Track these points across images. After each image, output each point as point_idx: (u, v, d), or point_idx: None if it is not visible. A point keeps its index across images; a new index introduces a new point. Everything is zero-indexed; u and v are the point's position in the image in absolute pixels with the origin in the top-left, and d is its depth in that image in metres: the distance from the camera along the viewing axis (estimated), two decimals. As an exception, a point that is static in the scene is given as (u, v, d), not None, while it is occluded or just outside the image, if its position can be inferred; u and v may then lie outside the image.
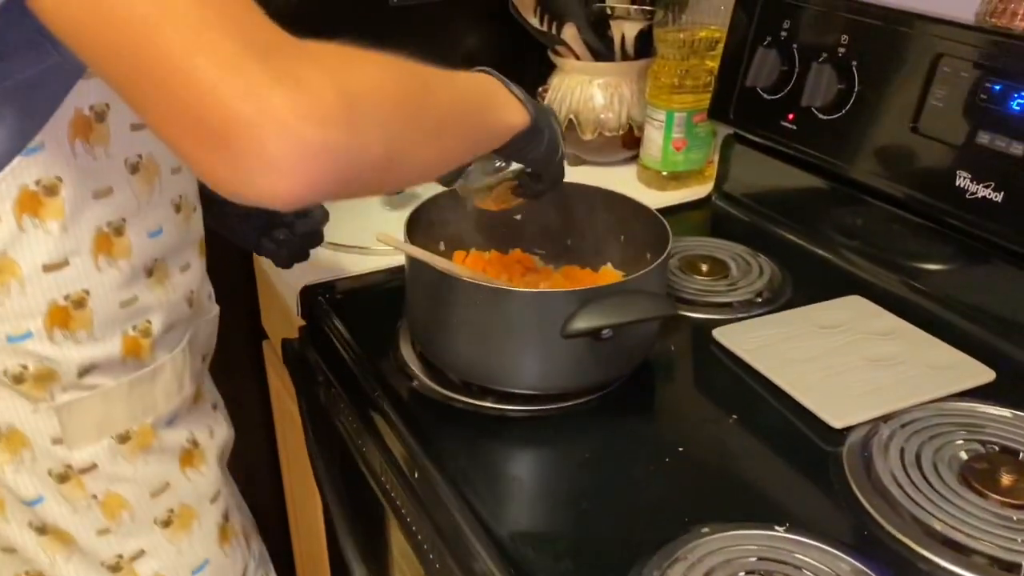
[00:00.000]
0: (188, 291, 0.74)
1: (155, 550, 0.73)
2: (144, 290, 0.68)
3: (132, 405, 0.69)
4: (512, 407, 0.79)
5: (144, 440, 0.70)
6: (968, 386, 0.81)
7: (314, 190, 0.47)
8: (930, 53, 0.89)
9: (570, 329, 0.69)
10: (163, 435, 0.72)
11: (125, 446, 0.69)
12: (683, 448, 0.75)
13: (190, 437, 0.75)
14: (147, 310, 0.69)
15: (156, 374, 0.70)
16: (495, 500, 0.69)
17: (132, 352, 0.68)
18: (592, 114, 1.25)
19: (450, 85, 0.63)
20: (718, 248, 1.06)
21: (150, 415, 0.71)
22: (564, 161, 0.81)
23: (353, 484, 0.90)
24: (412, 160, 0.56)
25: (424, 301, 0.81)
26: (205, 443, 0.77)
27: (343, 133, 0.47)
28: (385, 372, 0.84)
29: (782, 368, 0.84)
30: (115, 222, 0.64)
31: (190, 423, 0.76)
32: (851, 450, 0.74)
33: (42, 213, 0.60)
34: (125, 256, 0.66)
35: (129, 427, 0.69)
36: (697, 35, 1.17)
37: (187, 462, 0.74)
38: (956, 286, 0.92)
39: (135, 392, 0.69)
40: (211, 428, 0.79)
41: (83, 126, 0.60)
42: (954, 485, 0.68)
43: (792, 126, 1.05)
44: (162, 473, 0.72)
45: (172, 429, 0.73)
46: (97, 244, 0.63)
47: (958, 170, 0.87)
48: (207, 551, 0.77)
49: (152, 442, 0.71)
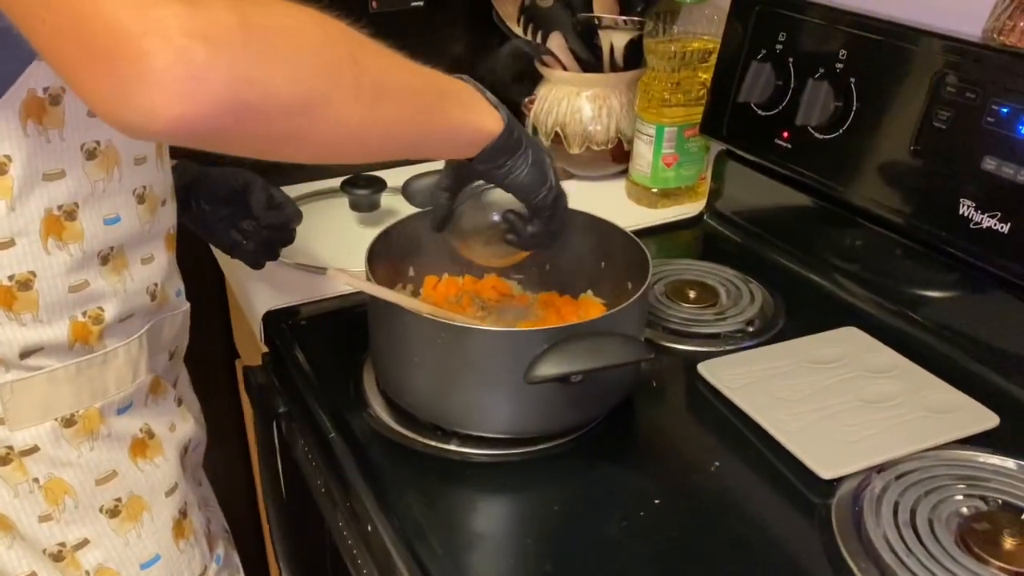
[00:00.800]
0: (150, 283, 0.72)
1: (100, 540, 0.71)
2: (97, 277, 0.67)
3: (79, 388, 0.67)
4: (477, 451, 0.74)
5: (90, 425, 0.68)
6: (970, 432, 0.75)
7: (199, 116, 0.43)
8: (933, 71, 0.84)
9: (533, 376, 0.63)
10: (113, 422, 0.70)
11: (70, 430, 0.67)
12: (660, 500, 0.69)
13: (145, 427, 0.73)
14: (99, 297, 0.67)
15: (107, 359, 0.69)
16: (451, 561, 0.63)
17: (80, 337, 0.67)
18: (579, 127, 1.20)
19: (399, 58, 0.58)
20: (708, 272, 1.00)
21: (99, 399, 0.69)
22: (561, 202, 0.73)
23: (312, 525, 0.85)
24: (335, 116, 0.51)
25: (383, 336, 0.75)
26: (163, 435, 0.75)
27: (239, 59, 0.43)
28: (344, 409, 0.79)
29: (769, 409, 0.78)
30: (67, 206, 0.63)
31: (147, 414, 0.74)
32: (840, 505, 0.68)
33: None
34: (76, 240, 0.64)
35: (75, 410, 0.67)
36: (689, 46, 1.11)
37: (139, 452, 0.72)
38: (959, 320, 0.86)
39: (83, 375, 0.67)
40: (173, 422, 0.77)
41: (36, 108, 0.59)
42: (951, 549, 0.63)
43: (787, 144, 0.99)
44: (109, 460, 0.70)
45: (125, 417, 0.71)
46: (47, 226, 0.62)
47: (961, 198, 0.81)
48: (158, 546, 0.74)
49: (99, 427, 0.69)
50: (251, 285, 0.99)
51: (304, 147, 0.52)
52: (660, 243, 1.14)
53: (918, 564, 0.61)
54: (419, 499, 0.69)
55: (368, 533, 0.68)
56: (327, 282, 0.98)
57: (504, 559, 0.65)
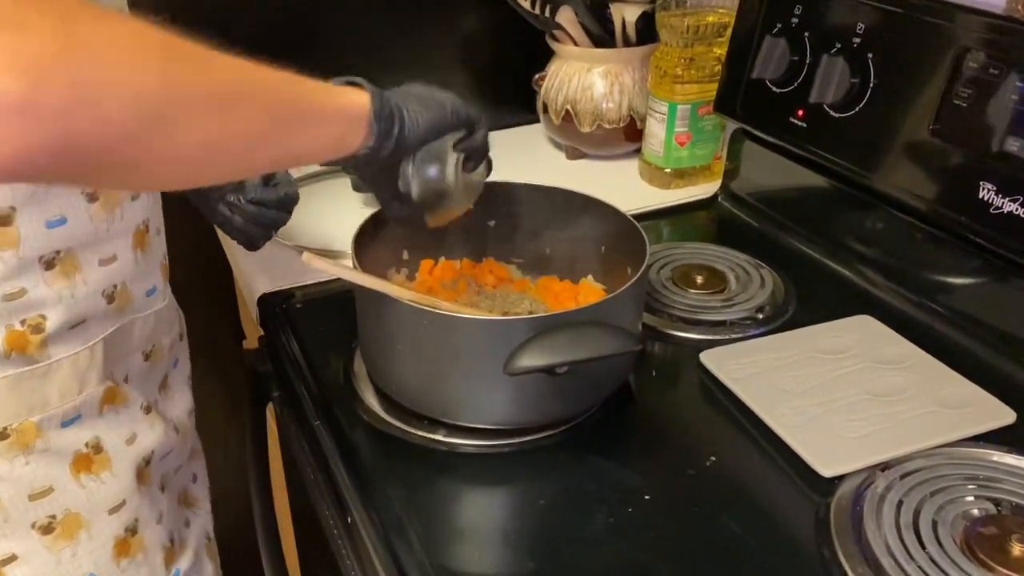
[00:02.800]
0: (109, 285, 0.69)
1: (29, 556, 0.69)
2: (39, 283, 0.64)
3: (15, 402, 0.65)
4: (464, 441, 0.71)
5: (25, 439, 0.66)
6: (984, 429, 0.71)
7: (30, 155, 0.39)
8: (954, 46, 0.79)
9: (513, 367, 0.61)
10: (52, 436, 0.67)
11: (2, 443, 0.65)
12: (649, 496, 0.66)
13: (93, 441, 0.70)
14: (40, 304, 0.64)
15: (49, 371, 0.66)
16: (428, 555, 0.61)
17: (17, 347, 0.64)
18: (591, 104, 1.16)
19: (245, 65, 0.51)
20: (718, 257, 0.97)
21: (36, 413, 0.66)
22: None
23: (307, 514, 0.84)
24: (179, 136, 0.45)
25: (368, 323, 0.73)
26: (115, 449, 0.71)
27: (63, 88, 0.39)
28: (332, 396, 0.77)
29: (772, 401, 0.75)
30: (1, 210, 0.60)
31: (99, 426, 0.71)
32: (840, 506, 0.65)
33: None
34: (11, 247, 0.61)
35: (8, 424, 0.65)
36: (704, 19, 1.06)
37: (83, 467, 0.69)
38: (977, 309, 0.82)
39: (19, 389, 0.64)
40: (133, 433, 0.74)
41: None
42: (955, 555, 0.59)
43: (802, 123, 0.94)
44: (46, 476, 0.67)
45: (69, 430, 0.68)
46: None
47: (981, 180, 0.77)
48: (95, 565, 0.71)
49: (34, 442, 0.66)
50: (249, 267, 0.98)
51: (157, 172, 0.48)
52: (672, 225, 1.10)
53: (918, 571, 0.58)
54: (401, 490, 0.67)
55: (349, 524, 0.67)
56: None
57: (483, 555, 0.63)
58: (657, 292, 0.90)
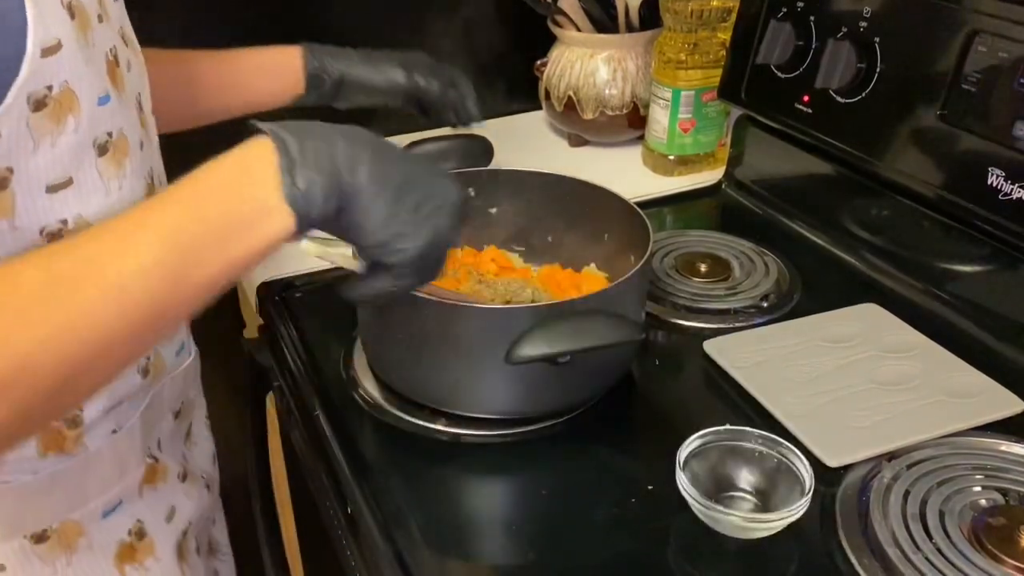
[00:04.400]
0: (144, 359, 0.64)
1: None
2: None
3: (53, 501, 0.60)
4: (465, 431, 0.71)
5: (68, 539, 0.61)
6: (992, 418, 0.70)
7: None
8: (963, 29, 0.77)
9: (515, 356, 0.60)
10: (94, 531, 0.63)
11: (42, 546, 0.60)
12: (653, 487, 0.66)
13: (135, 527, 0.66)
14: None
15: (88, 463, 0.61)
16: (429, 546, 0.61)
17: (54, 447, 0.59)
18: (593, 91, 1.15)
19: (128, 238, 0.46)
20: (722, 244, 0.95)
21: (77, 509, 0.61)
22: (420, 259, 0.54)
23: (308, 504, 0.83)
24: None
25: (370, 311, 0.72)
26: (157, 530, 0.68)
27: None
28: (332, 386, 0.76)
29: (777, 391, 0.74)
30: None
31: (140, 508, 0.66)
32: (846, 496, 0.64)
33: None
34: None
35: (48, 525, 0.60)
36: (708, 4, 1.05)
37: (127, 558, 0.65)
38: (985, 297, 0.81)
39: (58, 486, 0.60)
40: (172, 506, 0.70)
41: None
42: (963, 546, 0.58)
43: (807, 109, 0.93)
44: (90, 575, 0.63)
45: (110, 520, 0.64)
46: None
47: (990, 166, 0.75)
48: None
49: (78, 541, 0.62)
50: (249, 255, 0.97)
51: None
52: (676, 213, 1.09)
53: (924, 562, 0.57)
54: (402, 480, 0.66)
55: (350, 515, 0.66)
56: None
57: (485, 546, 0.63)
58: (661, 280, 0.89)
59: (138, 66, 0.63)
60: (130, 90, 0.59)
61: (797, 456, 0.62)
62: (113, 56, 0.57)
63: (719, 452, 0.64)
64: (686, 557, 0.60)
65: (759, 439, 0.64)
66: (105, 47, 0.55)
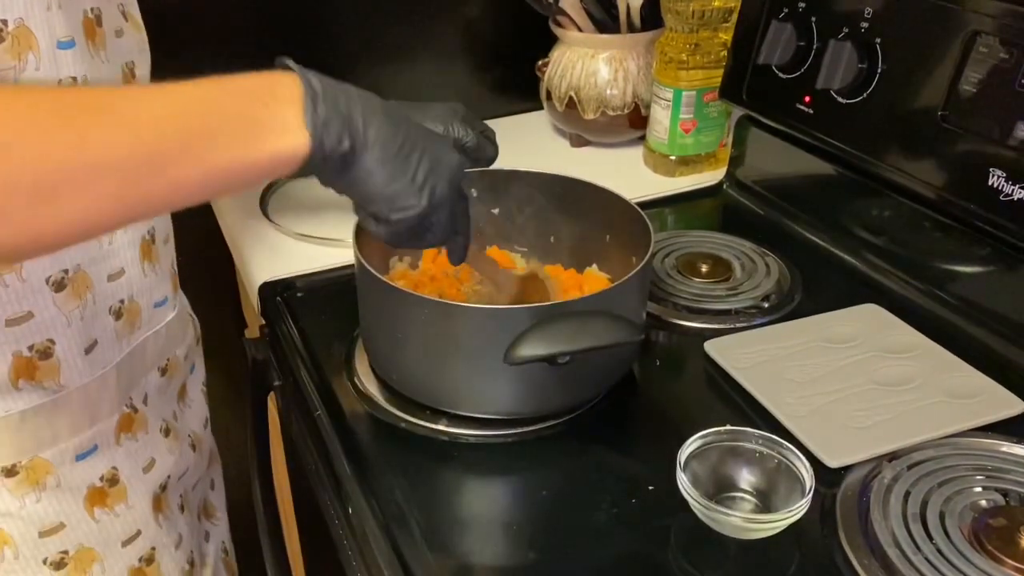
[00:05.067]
0: (115, 301, 0.66)
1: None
2: (48, 305, 0.60)
3: (22, 438, 0.62)
4: (466, 431, 0.71)
5: (36, 476, 0.63)
6: (992, 419, 0.70)
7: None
8: (964, 31, 0.77)
9: (514, 356, 0.60)
10: (66, 471, 0.64)
11: (11, 480, 0.62)
12: (653, 487, 0.66)
13: (109, 473, 0.67)
14: (48, 328, 0.61)
15: (59, 404, 0.63)
16: (429, 546, 0.61)
17: (25, 374, 0.60)
18: (594, 91, 1.15)
19: (142, 105, 0.46)
20: (723, 245, 0.96)
21: (46, 449, 0.63)
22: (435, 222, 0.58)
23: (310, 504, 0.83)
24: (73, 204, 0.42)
25: (369, 311, 0.73)
26: (131, 479, 0.69)
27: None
28: (333, 386, 0.76)
29: (778, 391, 0.74)
30: None
31: (117, 456, 0.68)
32: (846, 496, 0.64)
33: None
34: (12, 269, 0.58)
35: (17, 460, 0.62)
36: (710, 4, 1.05)
37: (97, 501, 0.67)
38: (986, 298, 0.81)
39: (28, 424, 0.61)
40: (151, 458, 0.71)
41: None
42: (963, 547, 0.58)
43: (808, 109, 0.93)
44: (58, 512, 0.65)
45: (84, 463, 0.66)
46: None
47: (991, 167, 0.75)
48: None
49: (46, 479, 0.63)
50: (250, 255, 0.97)
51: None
52: (677, 213, 1.09)
53: (925, 563, 0.57)
54: (403, 481, 0.66)
55: (350, 515, 0.66)
56: (325, 253, 0.95)
57: (485, 546, 0.63)
58: (662, 281, 0.89)
59: (133, 39, 0.66)
60: (114, 52, 0.62)
61: (797, 456, 0.62)
62: (95, 16, 0.60)
63: (719, 452, 0.64)
64: (686, 558, 0.60)
65: (760, 439, 0.64)
66: (84, 5, 0.59)
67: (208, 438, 0.87)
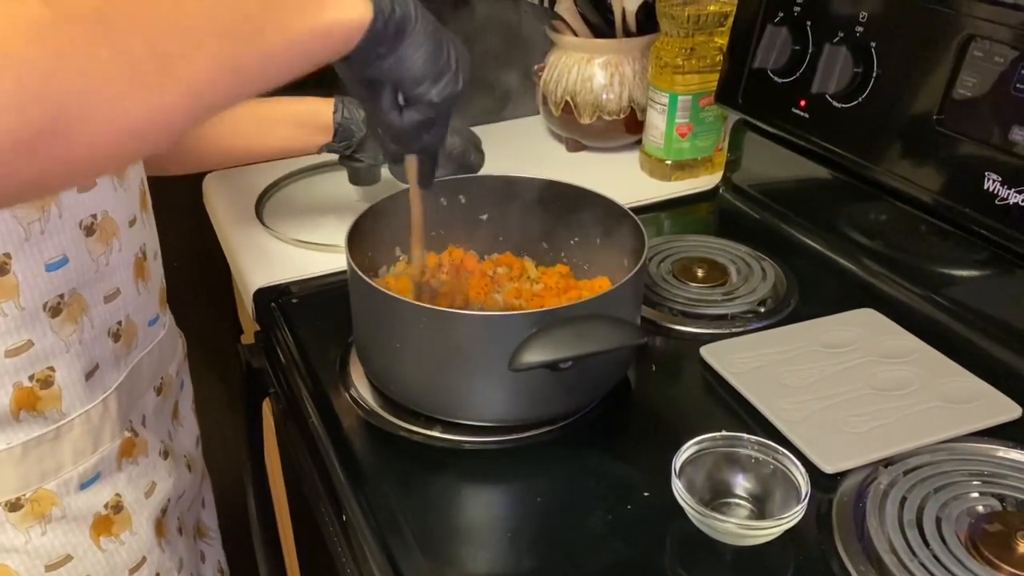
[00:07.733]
0: (113, 323, 0.65)
1: None
2: (46, 333, 0.59)
3: (25, 470, 0.60)
4: (461, 438, 0.70)
5: (41, 508, 0.62)
6: (989, 423, 0.70)
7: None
8: (960, 34, 0.77)
9: (518, 363, 0.60)
10: (71, 501, 0.63)
11: (16, 514, 0.61)
12: (649, 493, 0.65)
13: (113, 500, 0.66)
14: (48, 355, 0.60)
15: (61, 433, 0.61)
16: (423, 554, 0.60)
17: (26, 405, 0.59)
18: (591, 96, 1.15)
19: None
20: (719, 250, 0.95)
21: (51, 480, 0.62)
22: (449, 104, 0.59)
23: (304, 512, 0.83)
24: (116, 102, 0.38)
25: (365, 319, 0.72)
26: (134, 504, 0.68)
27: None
28: (328, 392, 0.76)
29: (773, 396, 0.74)
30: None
31: (119, 481, 0.67)
32: (842, 502, 0.64)
33: None
34: (10, 297, 0.57)
35: (21, 493, 0.61)
36: (705, 9, 1.05)
37: (103, 530, 0.66)
38: (982, 303, 0.81)
39: (31, 456, 0.60)
40: (152, 482, 0.71)
41: None
42: (960, 553, 0.58)
43: (804, 114, 0.93)
44: (64, 545, 0.64)
45: (88, 492, 0.65)
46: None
47: (987, 171, 0.75)
48: None
49: (51, 510, 0.62)
50: (245, 260, 0.97)
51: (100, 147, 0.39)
52: (673, 218, 1.09)
53: (921, 568, 0.57)
54: (397, 488, 0.66)
55: (345, 522, 0.66)
56: (321, 258, 0.95)
57: (479, 554, 0.62)
58: (657, 286, 0.89)
59: None
60: None
61: (793, 462, 0.62)
62: None
63: (715, 458, 0.64)
64: (682, 564, 0.60)
65: (755, 445, 0.64)
66: None
67: (199, 457, 0.86)
